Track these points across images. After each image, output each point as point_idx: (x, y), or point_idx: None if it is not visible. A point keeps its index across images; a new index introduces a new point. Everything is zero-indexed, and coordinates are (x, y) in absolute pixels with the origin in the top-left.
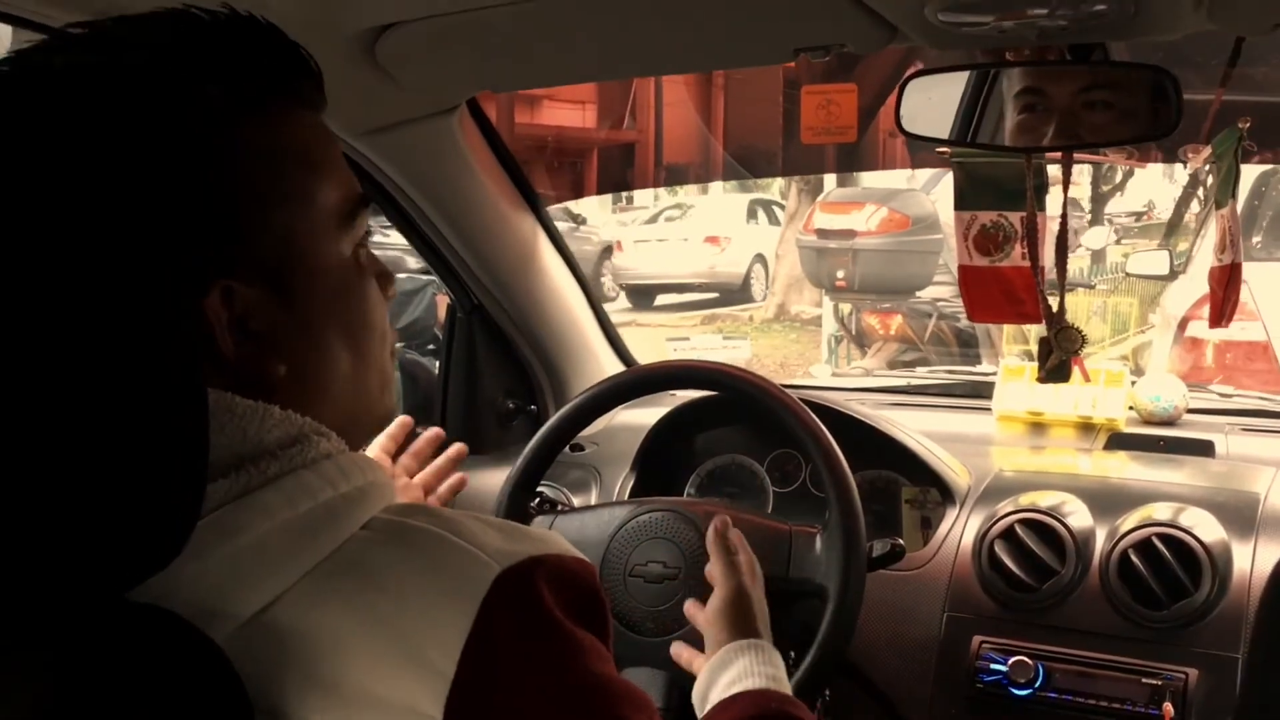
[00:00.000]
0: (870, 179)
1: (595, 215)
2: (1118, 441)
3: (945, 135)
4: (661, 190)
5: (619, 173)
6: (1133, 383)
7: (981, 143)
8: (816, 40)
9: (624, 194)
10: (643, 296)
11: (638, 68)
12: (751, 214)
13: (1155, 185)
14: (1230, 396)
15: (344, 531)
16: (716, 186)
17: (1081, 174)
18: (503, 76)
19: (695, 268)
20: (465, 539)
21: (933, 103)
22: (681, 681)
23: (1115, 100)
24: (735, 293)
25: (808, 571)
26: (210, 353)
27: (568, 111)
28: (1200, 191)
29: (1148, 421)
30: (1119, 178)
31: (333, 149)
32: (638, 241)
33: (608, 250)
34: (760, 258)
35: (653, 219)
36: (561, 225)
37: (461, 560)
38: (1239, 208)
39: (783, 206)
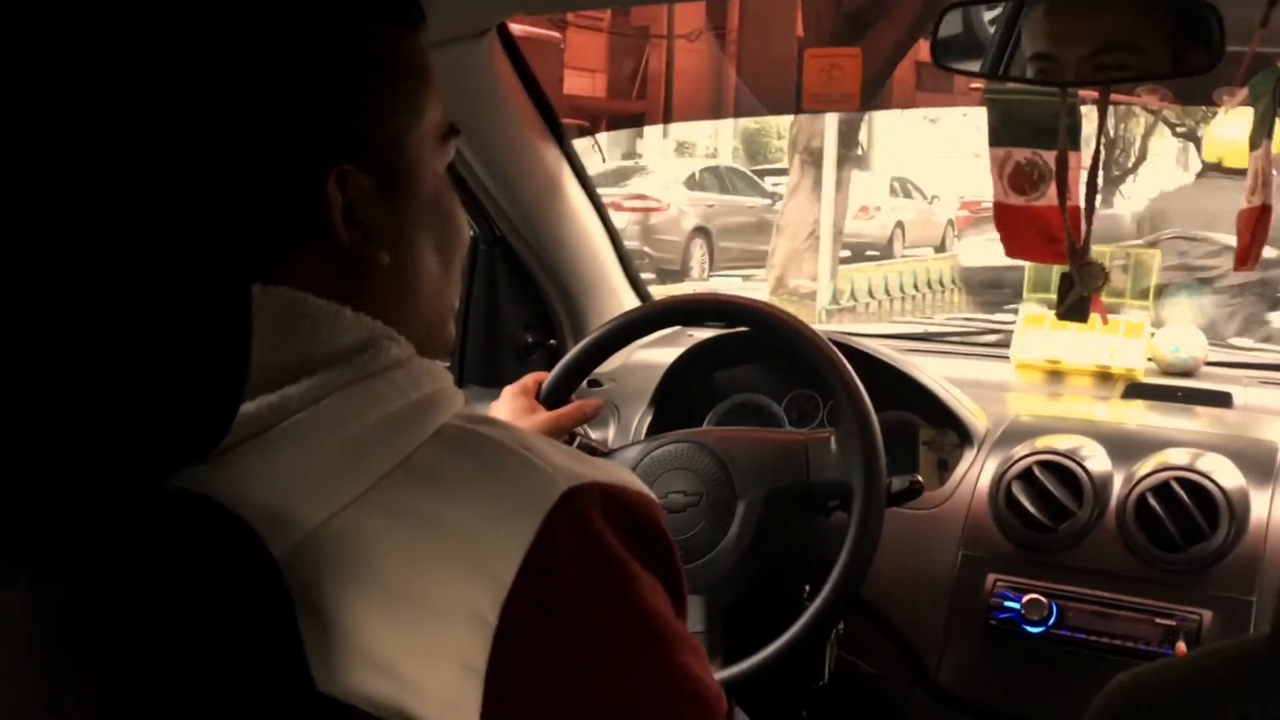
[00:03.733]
0: None
1: None
2: (1136, 391)
3: (979, 68)
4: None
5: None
6: (1152, 334)
7: (1011, 76)
8: None
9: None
10: None
11: None
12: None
13: None
14: (1250, 350)
15: (414, 440)
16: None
17: None
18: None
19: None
20: (534, 453)
21: (967, 35)
22: (718, 602)
23: (1153, 34)
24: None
25: (829, 473)
26: (321, 238)
27: (578, 80)
28: None
29: (1166, 372)
30: None
31: (433, 73)
32: None
33: None
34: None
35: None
36: None
37: (528, 473)
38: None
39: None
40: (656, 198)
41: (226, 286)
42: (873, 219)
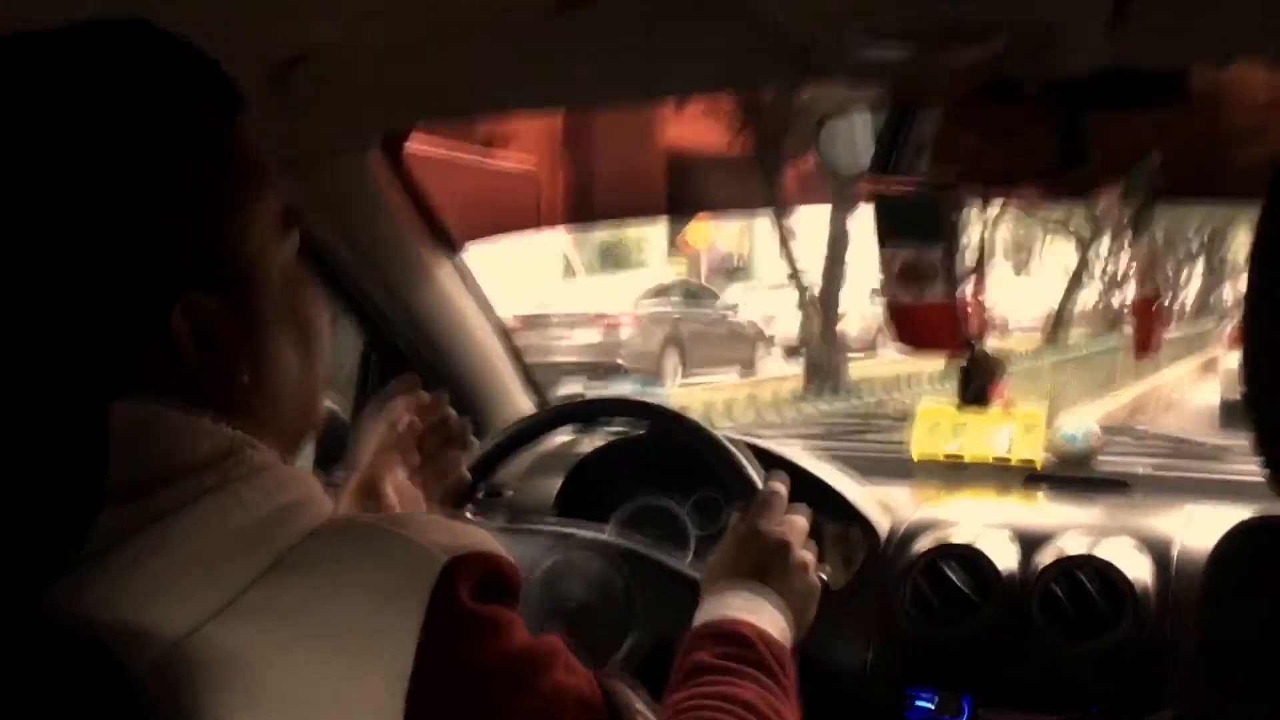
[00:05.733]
0: None
1: None
2: (1036, 481)
3: (862, 170)
4: None
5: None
6: (1048, 424)
7: (897, 177)
8: (736, 78)
9: None
10: None
11: (554, 102)
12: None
13: None
14: (1143, 437)
15: (284, 542)
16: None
17: None
18: (417, 112)
19: None
20: (409, 532)
21: (850, 139)
22: None
23: (1028, 135)
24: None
25: None
26: (175, 366)
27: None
28: None
29: (1064, 461)
30: None
31: (262, 160)
32: None
33: None
34: (674, 340)
35: None
36: None
37: (408, 552)
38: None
39: None
40: (625, 312)
41: (80, 407)
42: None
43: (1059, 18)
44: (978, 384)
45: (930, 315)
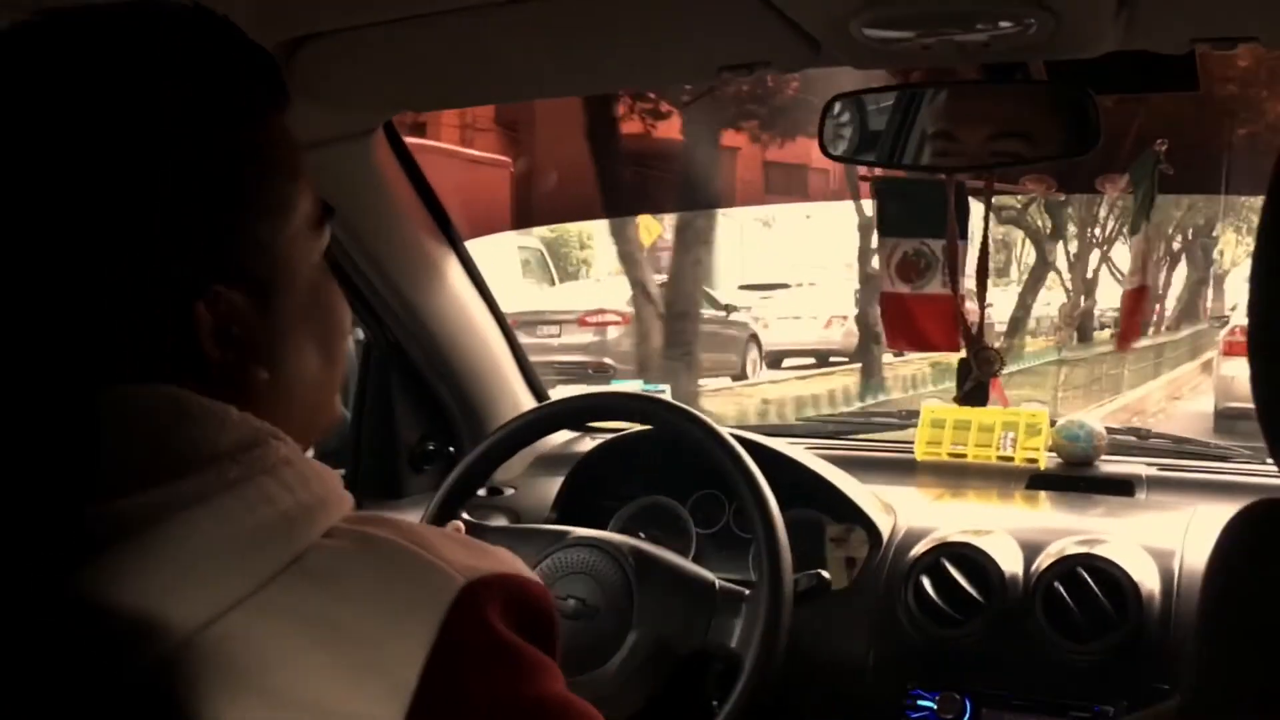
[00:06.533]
0: None
1: None
2: (1039, 482)
3: (867, 156)
4: None
5: None
6: (1052, 423)
7: (903, 164)
8: (741, 59)
9: None
10: None
11: (561, 87)
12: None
13: None
14: (1147, 438)
15: (304, 540)
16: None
17: None
18: (422, 96)
19: None
20: (429, 551)
21: (854, 125)
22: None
23: (1034, 121)
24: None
25: (724, 639)
26: (196, 360)
27: None
28: None
29: (1068, 462)
30: None
31: (301, 155)
32: None
33: None
34: None
35: None
36: None
37: (426, 572)
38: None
39: None
40: (618, 311)
41: (87, 392)
42: (843, 327)
43: (1065, 2)
44: (976, 380)
45: (928, 308)
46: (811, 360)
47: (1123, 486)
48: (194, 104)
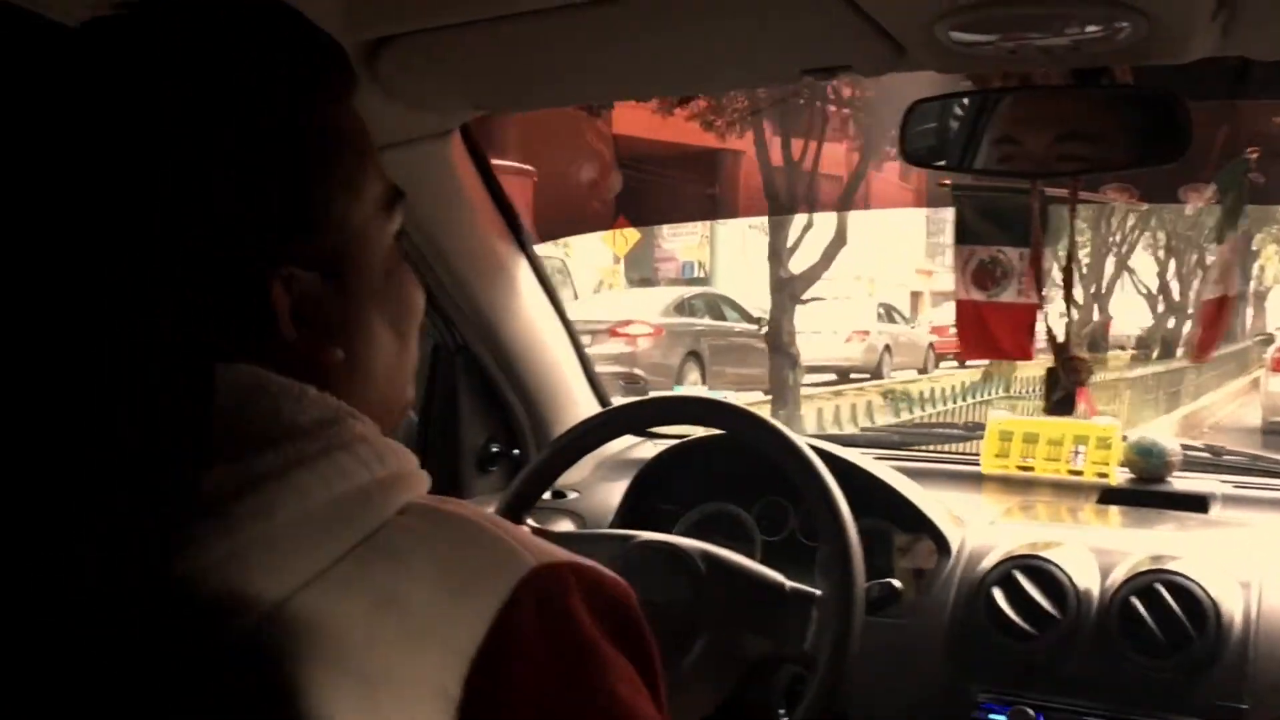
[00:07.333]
0: None
1: None
2: (1110, 496)
3: (948, 162)
4: None
5: None
6: (1124, 438)
7: (984, 169)
8: (824, 61)
9: None
10: None
11: (642, 89)
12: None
13: None
14: (1221, 454)
15: (379, 516)
16: None
17: None
18: (501, 98)
19: None
20: (504, 530)
21: (935, 130)
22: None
23: (1120, 127)
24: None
25: (795, 642)
26: (271, 339)
27: None
28: None
29: (1139, 477)
30: None
31: (371, 138)
32: None
33: None
34: (694, 355)
35: None
36: None
37: (497, 548)
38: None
39: None
40: (648, 323)
41: (187, 367)
42: (864, 343)
43: (1161, 4)
44: (1064, 390)
45: (1003, 316)
46: (832, 377)
47: (1197, 503)
48: (265, 88)
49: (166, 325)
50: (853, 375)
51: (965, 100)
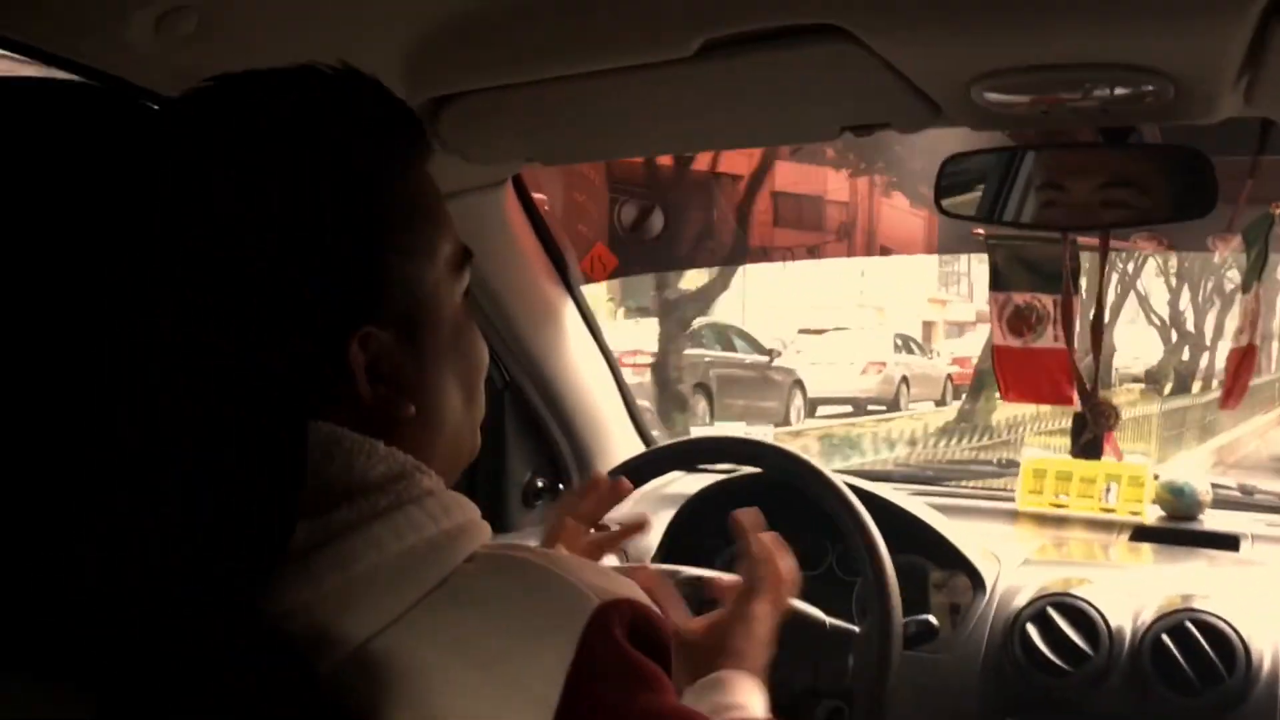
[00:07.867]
0: None
1: None
2: (1142, 535)
3: (980, 214)
4: None
5: None
6: (1155, 477)
7: (1017, 221)
8: (864, 119)
9: None
10: None
11: (687, 144)
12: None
13: None
14: (1252, 494)
15: (449, 564)
16: None
17: None
18: (557, 149)
19: None
20: (565, 572)
21: (968, 183)
22: None
23: (1148, 183)
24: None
25: (835, 676)
26: (347, 395)
27: None
28: None
29: (1171, 516)
30: None
31: (443, 201)
32: None
33: None
34: (702, 387)
35: None
36: None
37: (563, 591)
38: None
39: None
40: (652, 352)
41: (282, 424)
42: (880, 374)
43: (1187, 68)
44: (1091, 434)
45: (1041, 362)
46: (849, 409)
47: (1228, 542)
48: (347, 157)
49: (261, 385)
50: (870, 407)
51: (996, 155)
